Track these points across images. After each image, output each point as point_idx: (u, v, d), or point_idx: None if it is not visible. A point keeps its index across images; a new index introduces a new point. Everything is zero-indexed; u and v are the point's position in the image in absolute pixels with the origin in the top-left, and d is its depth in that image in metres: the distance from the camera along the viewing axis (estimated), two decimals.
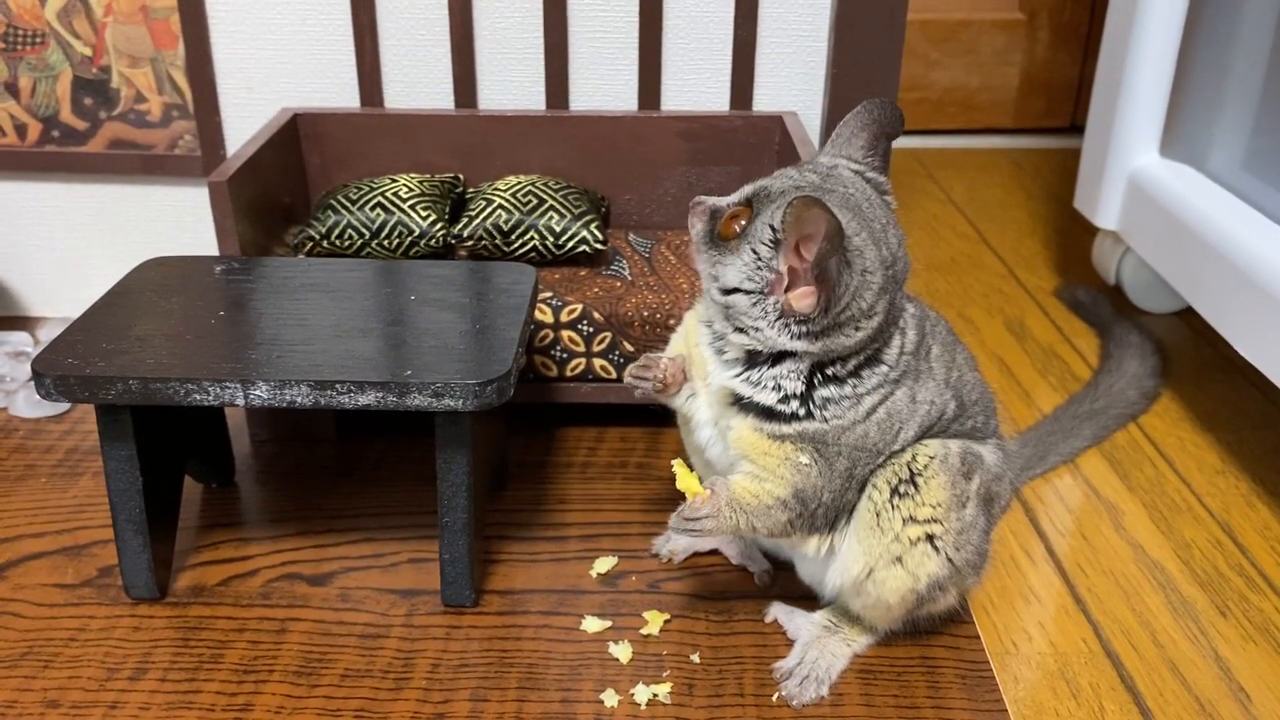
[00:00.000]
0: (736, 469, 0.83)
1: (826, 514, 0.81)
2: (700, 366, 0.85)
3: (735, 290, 0.78)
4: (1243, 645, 0.92)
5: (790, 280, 0.76)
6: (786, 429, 0.79)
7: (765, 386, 0.79)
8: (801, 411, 0.79)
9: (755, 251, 0.76)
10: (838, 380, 0.79)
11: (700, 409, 0.87)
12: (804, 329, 0.76)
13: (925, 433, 0.81)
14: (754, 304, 0.77)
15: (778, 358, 0.79)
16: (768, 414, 0.80)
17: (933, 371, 0.82)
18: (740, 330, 0.79)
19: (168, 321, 0.92)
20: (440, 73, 1.27)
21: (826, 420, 0.78)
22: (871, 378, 0.79)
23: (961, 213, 1.86)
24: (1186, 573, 1.00)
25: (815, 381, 0.79)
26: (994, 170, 2.07)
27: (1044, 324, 1.47)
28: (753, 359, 0.80)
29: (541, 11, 1.24)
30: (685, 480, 0.82)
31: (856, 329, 0.77)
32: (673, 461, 0.84)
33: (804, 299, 0.75)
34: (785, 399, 0.79)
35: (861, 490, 0.82)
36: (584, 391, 1.13)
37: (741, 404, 0.81)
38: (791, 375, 0.79)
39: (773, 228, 0.75)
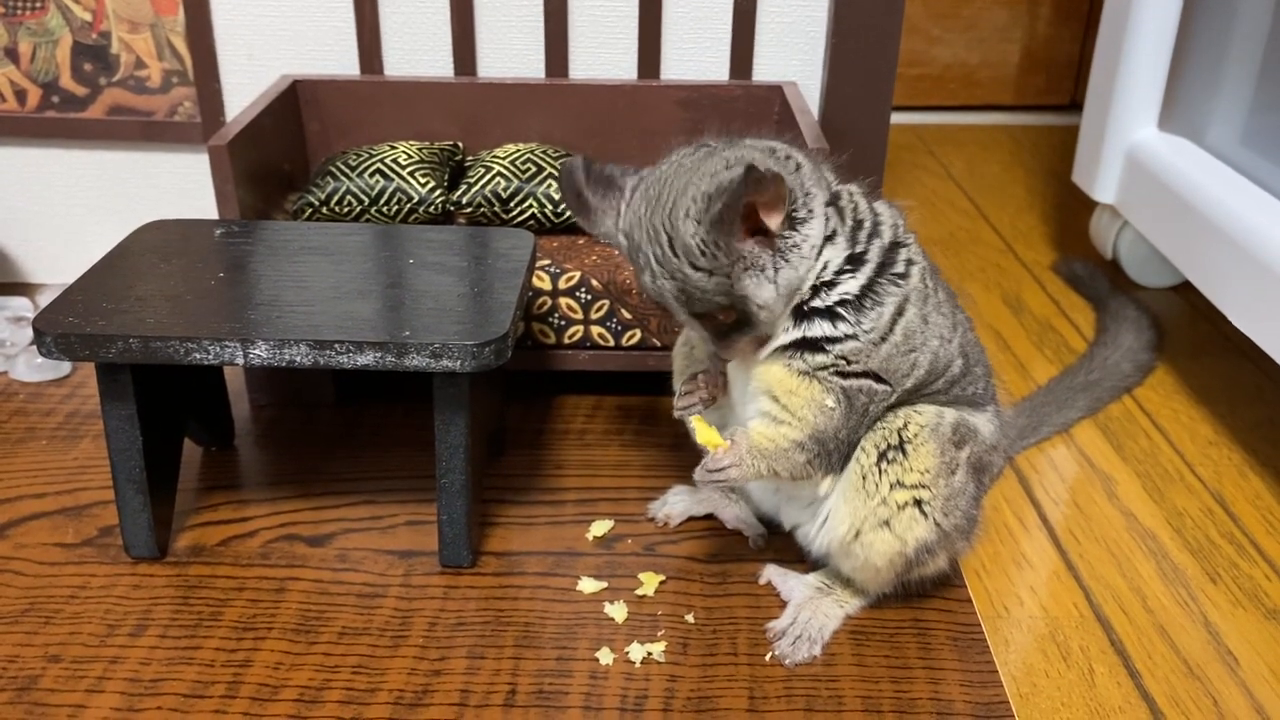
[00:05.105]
0: (751, 416, 0.83)
1: (840, 451, 0.82)
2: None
3: (760, 310, 0.78)
4: (1232, 611, 0.92)
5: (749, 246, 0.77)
6: (822, 358, 0.79)
7: (821, 321, 0.79)
8: (850, 325, 0.78)
9: (726, 276, 0.76)
10: (852, 301, 0.79)
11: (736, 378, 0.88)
12: (780, 256, 0.77)
13: (931, 380, 0.82)
14: (761, 305, 0.78)
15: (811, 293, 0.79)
16: (812, 346, 0.79)
17: (940, 306, 0.82)
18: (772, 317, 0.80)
19: (168, 283, 0.92)
20: (440, 40, 1.27)
21: (865, 332, 0.78)
22: (879, 279, 0.79)
23: (960, 188, 1.86)
24: (1178, 540, 1.01)
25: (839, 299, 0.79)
26: (993, 146, 2.07)
27: (1041, 298, 1.48)
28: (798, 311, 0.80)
29: None
30: (705, 434, 0.83)
31: (804, 239, 0.78)
32: (690, 417, 0.85)
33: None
34: (842, 313, 0.79)
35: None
36: (582, 359, 1.14)
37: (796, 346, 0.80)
38: (846, 278, 0.79)
39: (702, 250, 0.76)
